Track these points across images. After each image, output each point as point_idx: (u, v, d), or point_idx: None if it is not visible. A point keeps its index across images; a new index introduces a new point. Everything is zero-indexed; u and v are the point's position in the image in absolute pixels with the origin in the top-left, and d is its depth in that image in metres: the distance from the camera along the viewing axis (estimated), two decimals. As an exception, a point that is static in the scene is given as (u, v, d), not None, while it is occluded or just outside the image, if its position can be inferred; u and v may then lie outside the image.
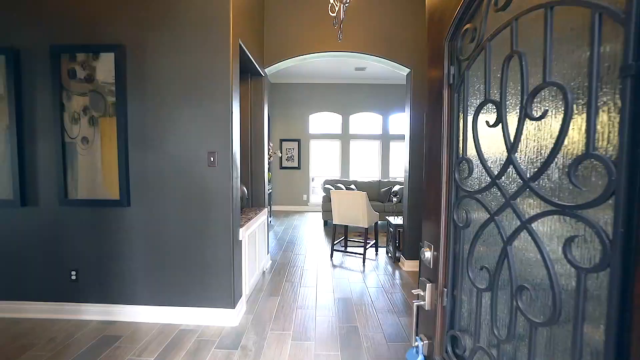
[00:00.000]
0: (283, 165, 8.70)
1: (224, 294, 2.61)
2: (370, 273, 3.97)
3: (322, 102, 8.57)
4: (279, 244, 5.27)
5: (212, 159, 2.54)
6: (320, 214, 7.47)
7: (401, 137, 8.66)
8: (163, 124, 2.55)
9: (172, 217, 2.59)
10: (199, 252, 2.60)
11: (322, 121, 8.77)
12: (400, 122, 8.75)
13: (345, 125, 8.61)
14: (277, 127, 8.63)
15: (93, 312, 2.67)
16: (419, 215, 3.98)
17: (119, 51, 2.51)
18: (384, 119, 8.60)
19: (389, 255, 4.68)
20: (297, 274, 3.91)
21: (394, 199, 4.56)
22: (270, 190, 6.87)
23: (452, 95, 0.91)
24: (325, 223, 6.77)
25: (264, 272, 3.93)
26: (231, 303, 2.62)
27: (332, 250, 4.51)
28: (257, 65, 3.50)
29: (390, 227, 4.60)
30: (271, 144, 6.72)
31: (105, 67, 2.54)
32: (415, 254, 4.02)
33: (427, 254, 1.02)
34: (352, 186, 6.94)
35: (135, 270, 2.64)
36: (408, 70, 3.90)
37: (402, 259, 4.18)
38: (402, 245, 4.26)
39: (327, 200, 6.64)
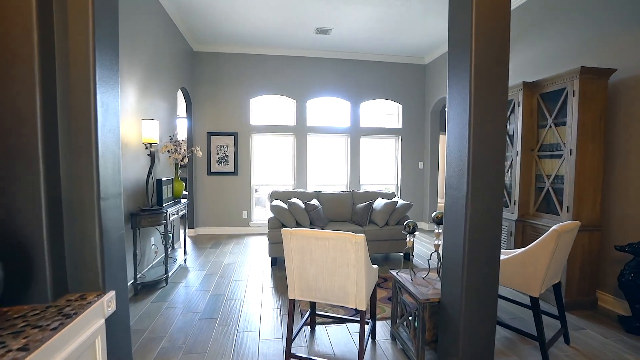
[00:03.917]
0: (212, 170, 6.09)
1: None
2: None
3: (268, 80, 6.13)
4: (184, 326, 2.74)
5: None
6: (267, 241, 5.00)
7: (376, 132, 6.54)
8: None
9: None
10: None
11: (269, 108, 6.33)
12: (376, 111, 6.62)
13: (301, 114, 6.26)
14: (202, 115, 6.00)
15: None
16: (485, 281, 1.76)
17: None
18: (354, 106, 6.41)
19: (399, 346, 2.42)
20: None
21: (409, 237, 2.32)
22: (183, 211, 4.27)
23: None
24: (274, 261, 4.35)
25: None
26: None
27: (289, 356, 2.10)
28: None
29: (399, 294, 2.34)
30: (181, 139, 4.14)
31: None
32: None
33: None
34: (314, 201, 4.62)
35: None
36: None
37: (441, 374, 1.93)
38: (442, 340, 2.01)
39: (276, 225, 4.23)
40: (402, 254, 4.73)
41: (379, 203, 4.60)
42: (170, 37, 4.61)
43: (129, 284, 3.28)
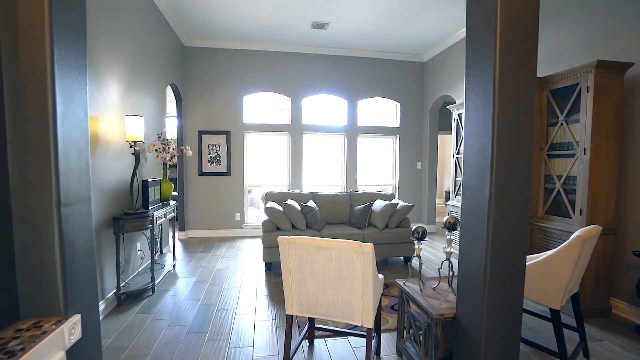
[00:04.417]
0: (204, 171, 5.83)
1: None
2: None
3: (262, 77, 5.90)
4: (170, 341, 2.49)
5: None
6: (261, 244, 4.74)
7: (374, 131, 6.35)
8: None
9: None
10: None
11: (263, 106, 6.10)
12: (373, 110, 6.43)
13: (296, 112, 6.04)
14: (194, 113, 5.74)
15: None
16: (509, 295, 1.56)
17: None
18: (350, 105, 6.20)
19: (406, 362, 2.21)
20: None
21: (417, 244, 2.12)
22: (172, 213, 4.02)
23: None
24: (269, 267, 4.12)
25: None
26: None
27: (286, 376, 1.89)
28: None
29: (406, 306, 2.14)
30: (170, 138, 3.89)
31: None
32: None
33: None
34: (311, 202, 4.40)
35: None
36: None
37: (457, 398, 1.73)
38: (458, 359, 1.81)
39: (270, 228, 4.01)
40: (402, 257, 4.54)
41: (378, 205, 4.40)
42: (158, 30, 4.36)
43: (111, 293, 3.02)
